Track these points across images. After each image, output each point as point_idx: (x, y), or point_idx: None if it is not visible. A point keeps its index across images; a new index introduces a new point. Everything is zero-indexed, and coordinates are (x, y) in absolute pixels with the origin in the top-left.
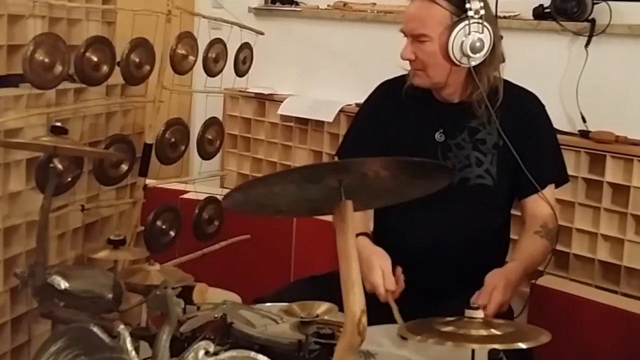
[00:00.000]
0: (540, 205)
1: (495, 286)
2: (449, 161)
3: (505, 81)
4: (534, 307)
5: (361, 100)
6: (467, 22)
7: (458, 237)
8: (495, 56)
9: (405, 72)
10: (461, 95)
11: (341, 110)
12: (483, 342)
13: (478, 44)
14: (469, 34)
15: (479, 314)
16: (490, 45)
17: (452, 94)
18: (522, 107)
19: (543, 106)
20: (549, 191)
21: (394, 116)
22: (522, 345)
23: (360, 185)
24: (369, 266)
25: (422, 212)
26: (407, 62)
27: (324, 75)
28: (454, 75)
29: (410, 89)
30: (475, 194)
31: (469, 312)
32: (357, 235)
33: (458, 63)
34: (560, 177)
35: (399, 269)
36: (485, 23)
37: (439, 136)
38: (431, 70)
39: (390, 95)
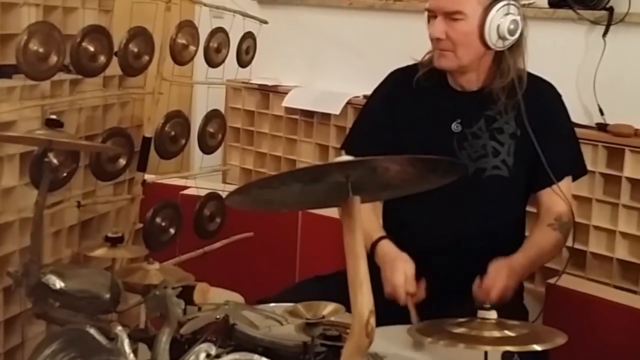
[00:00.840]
0: (556, 198)
1: (498, 271)
2: (464, 151)
3: (529, 73)
4: (549, 307)
5: (369, 92)
6: (506, 1)
7: (471, 231)
8: (522, 41)
9: (415, 62)
10: (482, 82)
11: (348, 103)
12: (496, 344)
13: (512, 27)
14: (507, 14)
15: (492, 314)
16: (521, 29)
17: (473, 80)
18: (540, 96)
19: (560, 96)
20: (566, 184)
21: (406, 105)
22: (537, 348)
23: (368, 180)
24: (393, 269)
25: (434, 204)
26: (433, 42)
27: (330, 66)
28: (482, 59)
29: (422, 79)
30: (491, 186)
31: (481, 313)
32: (379, 239)
33: (492, 45)
34: (578, 170)
35: (424, 280)
36: (518, 4)
37: (455, 126)
38: (461, 51)
39: (402, 84)
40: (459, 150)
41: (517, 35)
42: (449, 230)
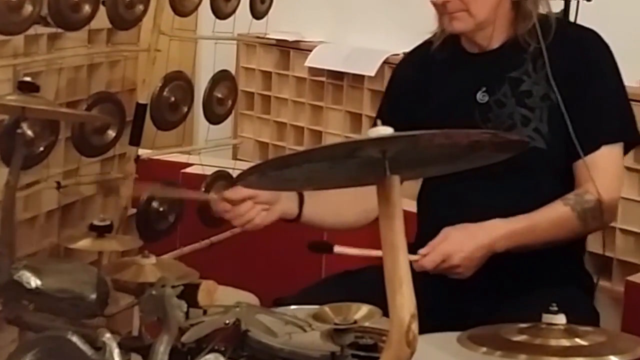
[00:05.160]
0: (594, 172)
1: (450, 234)
2: (489, 124)
3: (559, 19)
4: (629, 310)
5: (410, 49)
6: None
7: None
8: None
9: (429, 36)
10: (504, 36)
11: (385, 62)
12: (565, 355)
13: None
14: None
15: (560, 319)
16: None
17: (491, 36)
18: (578, 48)
19: (606, 46)
20: (608, 154)
21: (425, 85)
22: (615, 359)
23: (408, 157)
24: None
25: (460, 188)
26: (439, 7)
27: (363, 18)
28: (499, 9)
29: (437, 52)
30: (526, 162)
31: (546, 317)
32: None
33: None
34: (627, 136)
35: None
36: None
37: (481, 96)
38: (475, 7)
39: (417, 66)
40: (482, 123)
41: None
42: (484, 216)
